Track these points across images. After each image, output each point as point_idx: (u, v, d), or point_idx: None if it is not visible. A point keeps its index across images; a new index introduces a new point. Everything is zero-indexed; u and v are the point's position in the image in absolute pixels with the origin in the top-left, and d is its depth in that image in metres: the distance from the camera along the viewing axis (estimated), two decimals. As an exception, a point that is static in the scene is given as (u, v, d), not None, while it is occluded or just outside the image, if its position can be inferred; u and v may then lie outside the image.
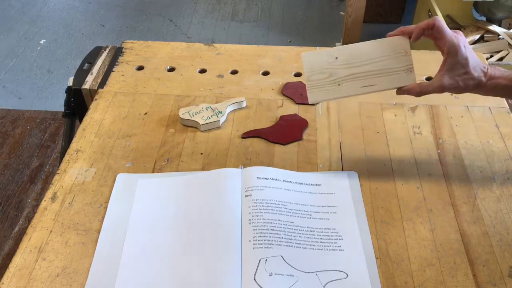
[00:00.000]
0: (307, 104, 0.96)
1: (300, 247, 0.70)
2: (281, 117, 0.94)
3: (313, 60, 0.76)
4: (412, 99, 0.97)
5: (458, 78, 0.74)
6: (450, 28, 0.75)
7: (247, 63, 1.08)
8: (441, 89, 0.75)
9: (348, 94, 0.76)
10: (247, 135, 0.90)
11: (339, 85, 0.76)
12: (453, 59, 0.74)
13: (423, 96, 0.86)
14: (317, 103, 0.77)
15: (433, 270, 0.68)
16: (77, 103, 1.04)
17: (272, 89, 1.01)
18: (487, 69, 0.75)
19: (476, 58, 0.75)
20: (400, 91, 0.77)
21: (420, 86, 0.76)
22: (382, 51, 0.77)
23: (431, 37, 0.76)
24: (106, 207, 0.77)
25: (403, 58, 0.76)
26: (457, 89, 0.75)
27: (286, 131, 0.90)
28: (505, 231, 0.73)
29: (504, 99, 0.97)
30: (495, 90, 0.75)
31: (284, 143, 0.88)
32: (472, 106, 0.96)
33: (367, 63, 0.76)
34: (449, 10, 2.16)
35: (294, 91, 0.99)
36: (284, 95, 0.99)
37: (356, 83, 0.76)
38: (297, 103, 0.97)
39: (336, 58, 0.76)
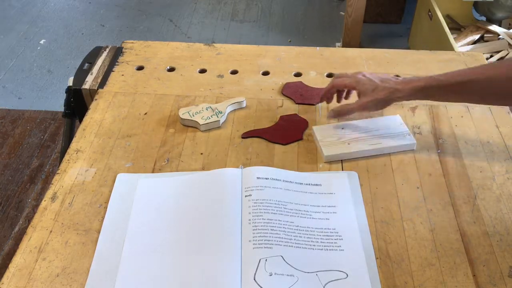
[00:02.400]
0: (307, 104, 0.97)
1: (300, 247, 0.70)
2: (281, 117, 0.94)
3: (323, 130, 0.89)
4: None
5: (372, 94, 0.84)
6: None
7: (247, 63, 1.08)
8: (362, 106, 0.85)
9: (358, 150, 0.85)
10: (247, 135, 0.90)
11: (348, 144, 0.86)
12: (360, 86, 0.85)
13: None
14: (331, 160, 0.85)
15: (433, 270, 0.68)
16: (77, 103, 1.04)
17: (272, 89, 1.01)
18: (401, 78, 0.84)
19: (385, 75, 0.86)
20: (330, 114, 0.90)
21: (342, 107, 0.88)
22: (381, 124, 0.90)
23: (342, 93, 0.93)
24: (106, 207, 0.77)
25: (399, 127, 0.89)
26: (379, 103, 0.84)
27: (286, 131, 0.90)
28: (505, 231, 0.73)
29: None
30: (416, 94, 0.81)
31: (284, 143, 0.88)
32: (472, 106, 0.96)
33: (370, 130, 0.88)
34: (449, 10, 2.16)
35: (294, 91, 0.99)
36: (284, 95, 0.99)
37: (364, 143, 0.86)
38: (297, 103, 0.97)
39: (343, 128, 0.89)
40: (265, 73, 1.06)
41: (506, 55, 1.98)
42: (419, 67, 1.06)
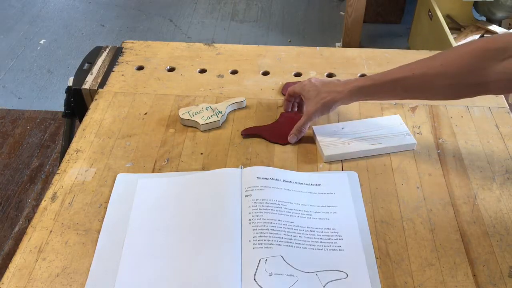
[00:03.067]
0: None
1: (300, 247, 0.70)
2: (281, 114, 0.94)
3: (323, 130, 0.89)
4: (412, 100, 0.97)
5: (315, 100, 0.86)
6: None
7: (247, 63, 1.08)
8: (308, 116, 0.87)
9: (358, 150, 0.85)
10: (246, 131, 0.90)
11: (348, 144, 0.86)
12: (304, 92, 0.88)
13: None
14: (331, 161, 0.85)
15: (433, 270, 0.68)
16: (77, 103, 1.04)
17: (272, 89, 1.01)
18: (342, 80, 0.86)
19: (328, 79, 0.89)
20: (291, 139, 0.89)
21: (297, 127, 0.88)
22: (381, 124, 0.89)
23: (299, 100, 0.93)
24: (106, 207, 0.77)
25: (399, 127, 0.89)
26: (322, 107, 0.86)
27: (286, 131, 0.90)
28: (505, 231, 0.73)
29: (504, 98, 0.98)
30: (355, 94, 0.83)
31: (283, 143, 0.88)
32: (472, 106, 0.96)
33: (370, 130, 0.88)
34: (449, 10, 2.16)
35: None
36: (284, 95, 0.99)
37: (364, 143, 0.86)
38: (297, 102, 0.97)
39: (343, 128, 0.89)
40: (265, 73, 1.06)
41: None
42: (419, 67, 1.06)
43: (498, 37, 0.72)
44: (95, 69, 1.06)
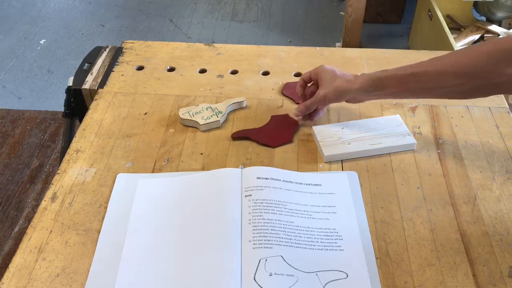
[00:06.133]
0: None
1: (300, 247, 0.70)
2: (272, 117, 0.93)
3: (323, 130, 0.89)
4: (412, 99, 0.97)
5: (328, 83, 0.86)
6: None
7: (247, 63, 1.08)
8: (317, 97, 0.87)
9: (358, 150, 0.85)
10: (236, 135, 0.89)
11: (349, 144, 0.86)
12: (322, 74, 0.87)
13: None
14: (331, 161, 0.85)
15: (433, 270, 0.68)
16: (77, 103, 1.04)
17: (272, 89, 1.01)
18: (356, 75, 0.86)
19: (346, 73, 0.87)
20: (296, 112, 0.91)
21: (305, 104, 0.89)
22: (381, 124, 0.90)
23: (315, 83, 0.91)
24: (106, 207, 0.77)
25: (399, 127, 0.89)
26: (334, 93, 0.85)
27: (276, 133, 0.89)
28: (505, 231, 0.73)
29: (504, 98, 0.98)
30: (369, 85, 0.82)
31: (273, 146, 0.88)
32: (472, 106, 0.96)
33: (370, 130, 0.88)
34: (449, 10, 2.16)
35: (294, 91, 0.99)
36: (284, 95, 0.99)
37: (364, 143, 0.86)
38: (297, 103, 0.97)
39: (343, 128, 0.89)
40: (265, 73, 1.06)
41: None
42: (419, 67, 1.06)
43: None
44: (95, 69, 1.06)
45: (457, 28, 2.16)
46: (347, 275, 0.67)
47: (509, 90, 0.74)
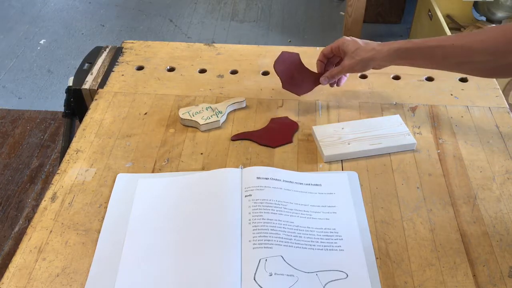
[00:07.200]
0: (293, 92, 0.95)
1: (300, 247, 0.70)
2: (272, 119, 0.93)
3: (323, 130, 0.89)
4: (412, 99, 0.97)
5: (353, 54, 0.88)
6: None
7: (247, 63, 1.08)
8: (343, 67, 0.90)
9: (358, 150, 0.85)
10: (236, 137, 0.89)
11: (348, 144, 0.86)
12: (344, 47, 0.89)
13: (423, 96, 0.97)
14: (331, 161, 0.85)
15: (433, 270, 0.68)
16: (77, 103, 1.04)
17: (272, 89, 1.01)
18: (382, 42, 0.87)
19: (369, 41, 0.89)
20: (322, 80, 0.94)
21: (331, 72, 0.93)
22: (381, 124, 0.89)
23: (337, 55, 0.93)
24: (106, 207, 0.77)
25: (399, 127, 0.89)
26: (360, 63, 0.88)
27: (276, 134, 0.89)
28: (505, 231, 0.73)
29: (504, 98, 0.98)
30: (392, 55, 0.85)
31: (273, 146, 0.88)
32: (472, 106, 0.96)
33: (370, 130, 0.88)
34: (449, 10, 2.16)
35: (287, 69, 0.95)
36: (274, 70, 0.95)
37: (364, 143, 0.86)
38: (283, 88, 0.94)
39: (343, 128, 0.89)
40: (265, 73, 1.06)
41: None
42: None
43: None
44: (95, 69, 1.06)
45: (457, 28, 2.15)
46: (347, 275, 0.67)
47: None
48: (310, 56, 1.10)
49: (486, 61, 0.76)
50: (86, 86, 1.01)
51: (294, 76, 0.96)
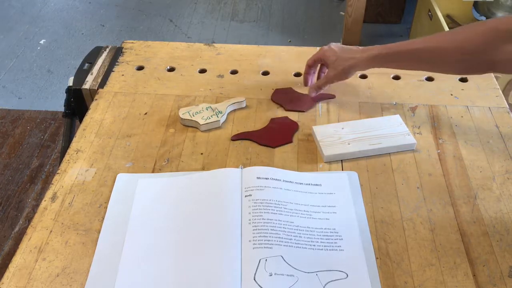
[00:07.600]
0: (297, 111, 0.95)
1: (300, 247, 0.70)
2: (272, 119, 0.93)
3: (323, 130, 0.89)
4: (412, 99, 0.97)
5: (334, 65, 0.92)
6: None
7: (247, 63, 1.08)
8: (327, 78, 0.93)
9: (358, 150, 0.85)
10: (236, 137, 0.89)
11: (348, 144, 0.86)
12: (326, 58, 0.93)
13: (423, 96, 0.97)
14: (331, 161, 0.85)
15: (433, 270, 0.68)
16: (77, 103, 1.04)
17: (272, 89, 1.01)
18: (361, 47, 0.90)
19: (347, 46, 0.93)
20: (310, 91, 0.96)
21: (317, 84, 0.95)
22: (381, 124, 0.90)
23: (323, 65, 0.98)
24: (106, 207, 0.77)
25: (399, 127, 0.89)
26: (341, 73, 0.92)
27: (276, 134, 0.89)
28: (505, 231, 0.73)
29: (504, 98, 0.98)
30: (372, 61, 0.88)
31: (273, 146, 0.88)
32: (472, 106, 0.96)
33: (370, 130, 0.88)
34: (449, 10, 2.16)
35: (283, 97, 0.98)
36: (273, 101, 0.98)
37: (364, 143, 0.86)
38: (286, 110, 0.95)
39: (343, 128, 0.89)
40: (265, 73, 1.06)
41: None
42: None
43: (510, 19, 0.74)
44: (95, 69, 1.06)
45: (457, 28, 2.15)
46: (347, 275, 0.67)
47: (503, 69, 0.79)
48: (310, 56, 1.10)
49: (460, 60, 0.79)
50: (86, 86, 1.02)
51: (292, 100, 0.97)
